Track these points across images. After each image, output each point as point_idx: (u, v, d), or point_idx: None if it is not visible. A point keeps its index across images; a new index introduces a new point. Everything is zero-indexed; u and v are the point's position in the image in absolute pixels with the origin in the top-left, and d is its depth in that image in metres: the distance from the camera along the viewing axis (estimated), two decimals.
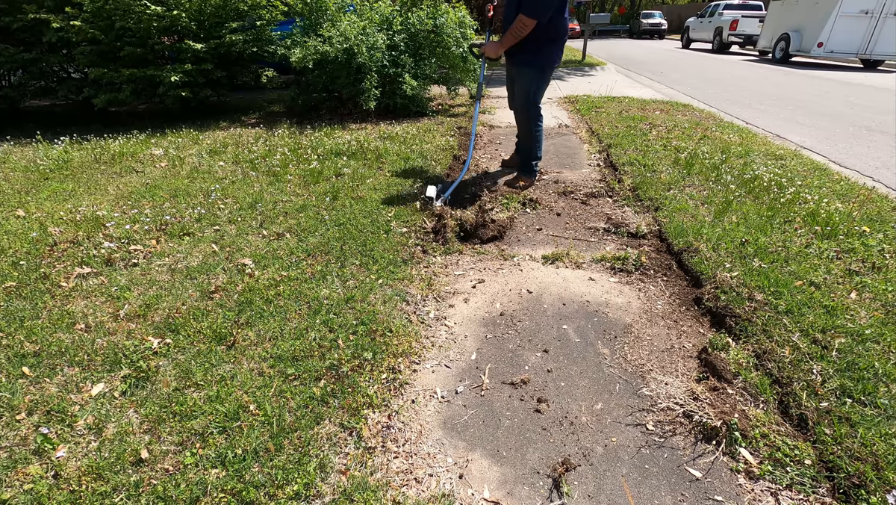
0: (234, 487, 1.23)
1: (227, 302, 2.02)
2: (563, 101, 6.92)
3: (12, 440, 1.37)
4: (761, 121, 5.69)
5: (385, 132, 4.86)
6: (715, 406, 1.50)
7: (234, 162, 3.92)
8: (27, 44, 5.29)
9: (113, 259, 2.36)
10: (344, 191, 3.22)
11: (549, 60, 3.11)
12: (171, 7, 5.03)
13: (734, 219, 2.72)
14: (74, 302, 2.02)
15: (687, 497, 1.26)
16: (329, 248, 2.46)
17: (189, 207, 2.97)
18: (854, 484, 1.24)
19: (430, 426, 1.48)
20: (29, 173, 3.66)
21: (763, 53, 14.71)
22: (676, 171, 3.55)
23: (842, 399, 1.49)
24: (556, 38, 3.01)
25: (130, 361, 1.66)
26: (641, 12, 29.35)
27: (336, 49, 4.93)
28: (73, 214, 2.85)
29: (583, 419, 1.50)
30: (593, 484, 1.29)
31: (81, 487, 1.23)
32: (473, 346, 1.84)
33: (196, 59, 5.19)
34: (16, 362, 1.66)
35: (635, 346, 1.84)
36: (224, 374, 1.62)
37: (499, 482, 1.30)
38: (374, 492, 1.24)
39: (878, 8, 10.76)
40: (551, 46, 3.05)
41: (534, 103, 3.26)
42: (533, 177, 3.52)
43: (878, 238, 2.48)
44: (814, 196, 3.01)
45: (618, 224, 2.84)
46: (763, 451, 1.37)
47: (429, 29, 5.51)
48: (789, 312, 1.88)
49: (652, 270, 2.36)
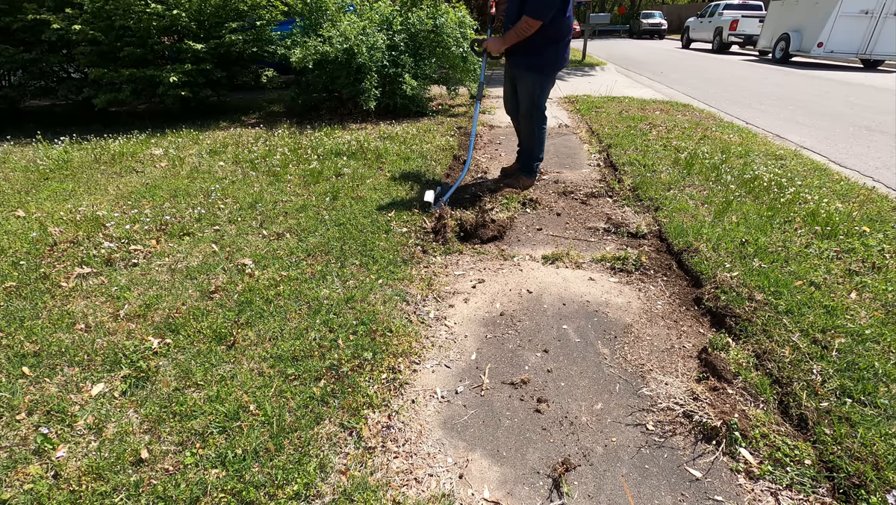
0: (234, 487, 1.23)
1: (227, 302, 2.02)
2: (563, 101, 6.92)
3: (12, 440, 1.37)
4: (761, 121, 5.69)
5: (385, 132, 4.86)
6: (715, 406, 1.50)
7: (234, 162, 3.92)
8: (27, 44, 5.29)
9: (113, 259, 2.36)
10: (344, 191, 3.22)
11: (553, 63, 3.03)
12: (171, 7, 5.03)
13: (734, 219, 2.72)
14: (74, 302, 2.02)
15: (687, 497, 1.26)
16: (329, 249, 2.46)
17: (189, 207, 2.97)
18: (854, 484, 1.24)
19: (430, 426, 1.48)
20: (29, 173, 3.66)
21: (763, 53, 14.71)
22: (676, 171, 3.55)
23: (842, 399, 1.48)
24: (558, 38, 2.93)
25: (130, 361, 1.66)
26: (641, 12, 29.36)
27: (336, 49, 4.93)
28: (73, 214, 2.85)
29: (583, 419, 1.50)
30: (593, 484, 1.29)
31: (81, 487, 1.23)
32: (473, 346, 1.84)
33: (196, 59, 5.19)
34: (16, 362, 1.66)
35: (635, 346, 1.84)
36: (224, 374, 1.62)
37: (499, 482, 1.30)
38: (374, 492, 1.24)
39: (878, 8, 10.77)
40: (554, 48, 2.96)
41: (538, 106, 3.19)
42: (533, 177, 3.48)
43: (878, 238, 2.48)
44: (814, 196, 3.01)
45: (618, 224, 2.84)
46: (763, 451, 1.37)
47: (429, 29, 5.51)
48: (789, 312, 1.88)
49: (652, 270, 2.36)
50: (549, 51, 2.96)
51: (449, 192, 3.10)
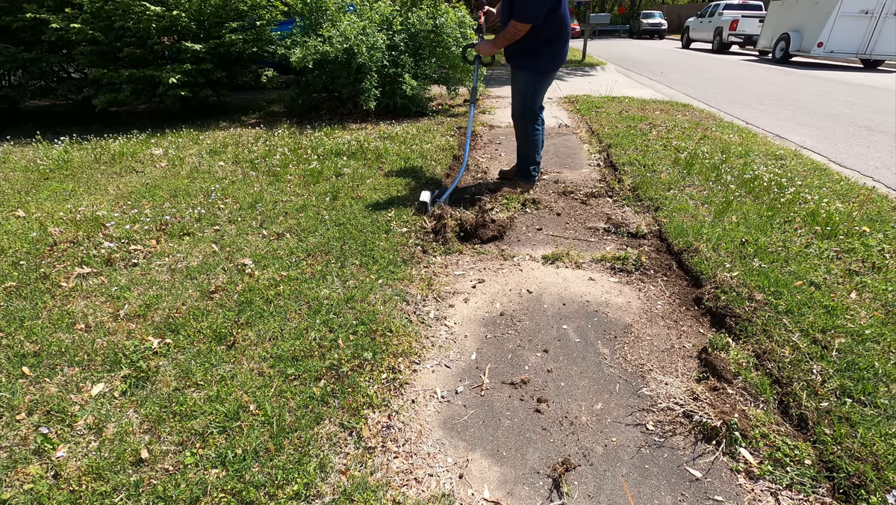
0: (234, 487, 1.23)
1: (227, 302, 2.02)
2: (563, 101, 6.92)
3: (12, 440, 1.37)
4: (761, 121, 5.69)
5: (385, 132, 4.86)
6: (715, 406, 1.50)
7: (234, 162, 3.92)
8: (27, 43, 5.29)
9: (113, 259, 2.36)
10: (344, 191, 3.22)
11: (547, 64, 2.94)
12: (171, 7, 5.03)
13: (734, 219, 2.72)
14: (74, 302, 2.02)
15: (687, 497, 1.26)
16: (329, 248, 2.46)
17: (189, 207, 2.97)
18: (854, 484, 1.24)
19: (430, 426, 1.48)
20: (29, 173, 3.66)
21: (763, 53, 14.71)
22: (676, 171, 3.55)
23: (842, 399, 1.48)
24: (552, 39, 2.83)
25: (130, 361, 1.66)
26: (641, 12, 29.36)
27: (336, 49, 4.93)
28: (73, 214, 2.85)
29: (583, 419, 1.50)
30: (593, 484, 1.29)
31: (81, 487, 1.23)
32: (473, 346, 1.84)
33: (196, 59, 5.19)
34: (16, 362, 1.66)
35: (635, 346, 1.84)
36: (224, 374, 1.62)
37: (499, 482, 1.30)
38: (374, 492, 1.24)
39: (878, 8, 10.77)
40: (548, 49, 2.86)
41: (530, 107, 3.07)
42: (531, 182, 3.36)
43: (878, 238, 2.48)
44: (814, 196, 3.01)
45: (618, 224, 2.84)
46: (763, 451, 1.37)
47: (429, 29, 5.51)
48: (789, 312, 1.88)
49: (652, 269, 2.36)
50: (543, 52, 2.88)
51: (444, 195, 3.01)
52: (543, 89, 3.08)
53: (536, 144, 3.20)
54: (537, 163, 3.28)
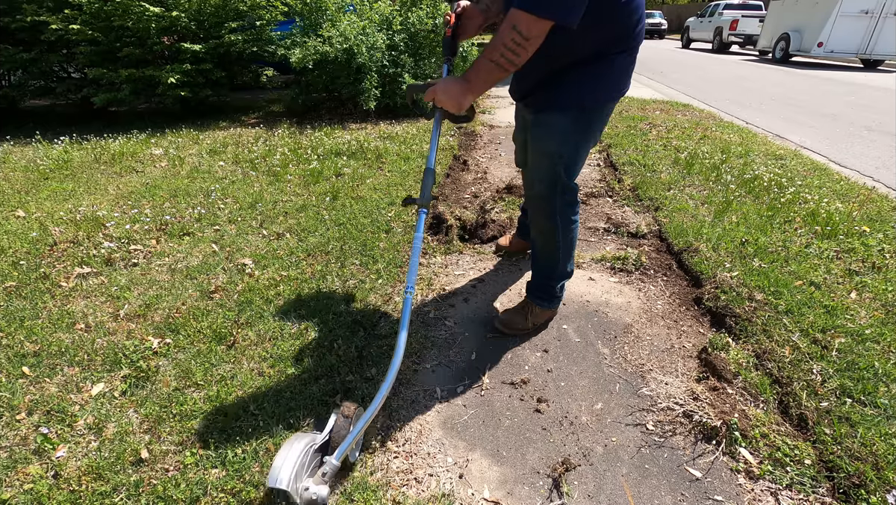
0: (234, 487, 1.23)
1: (227, 302, 2.02)
2: None
3: (12, 440, 1.37)
4: (761, 121, 5.69)
5: (385, 132, 4.86)
6: (715, 406, 1.50)
7: (234, 162, 3.92)
8: (27, 43, 5.28)
9: (113, 259, 2.36)
10: (344, 191, 3.22)
11: (607, 89, 1.53)
12: (171, 7, 5.02)
13: (734, 219, 2.72)
14: (74, 302, 2.02)
15: (687, 497, 1.26)
16: (329, 248, 2.46)
17: (189, 207, 2.97)
18: (854, 484, 1.24)
19: (430, 426, 1.48)
20: (29, 173, 3.66)
21: (763, 53, 14.71)
22: (676, 170, 3.55)
23: (842, 399, 1.49)
24: (616, 45, 1.46)
25: (130, 361, 1.66)
26: None
27: (336, 49, 4.93)
28: (73, 214, 2.85)
29: (583, 419, 1.50)
30: (593, 484, 1.29)
31: (81, 487, 1.23)
32: (473, 345, 1.84)
33: (195, 59, 5.19)
34: (16, 362, 1.66)
35: (635, 345, 1.84)
36: (224, 374, 1.62)
37: (499, 482, 1.30)
38: (374, 492, 1.24)
39: (878, 8, 10.78)
40: (608, 65, 1.47)
41: (565, 183, 1.61)
42: (554, 307, 1.94)
43: (878, 238, 2.48)
44: (814, 196, 3.01)
45: (618, 224, 2.84)
46: (763, 451, 1.37)
47: (429, 29, 5.51)
48: (789, 312, 1.88)
49: (652, 269, 2.36)
50: (601, 69, 1.47)
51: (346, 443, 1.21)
52: (591, 143, 1.64)
53: (571, 246, 1.80)
54: (569, 275, 1.90)
